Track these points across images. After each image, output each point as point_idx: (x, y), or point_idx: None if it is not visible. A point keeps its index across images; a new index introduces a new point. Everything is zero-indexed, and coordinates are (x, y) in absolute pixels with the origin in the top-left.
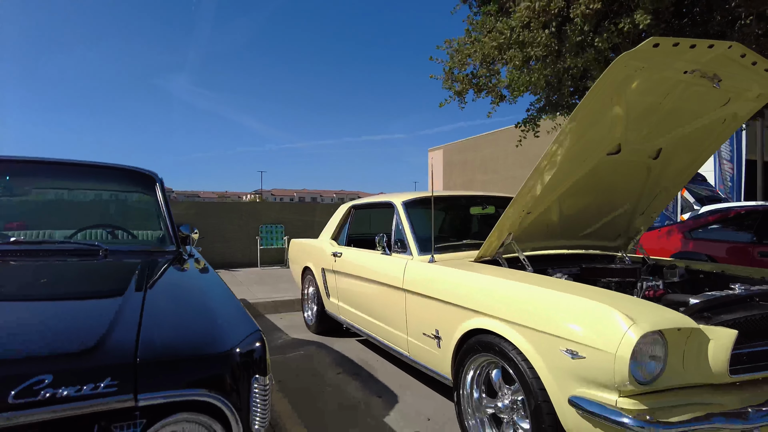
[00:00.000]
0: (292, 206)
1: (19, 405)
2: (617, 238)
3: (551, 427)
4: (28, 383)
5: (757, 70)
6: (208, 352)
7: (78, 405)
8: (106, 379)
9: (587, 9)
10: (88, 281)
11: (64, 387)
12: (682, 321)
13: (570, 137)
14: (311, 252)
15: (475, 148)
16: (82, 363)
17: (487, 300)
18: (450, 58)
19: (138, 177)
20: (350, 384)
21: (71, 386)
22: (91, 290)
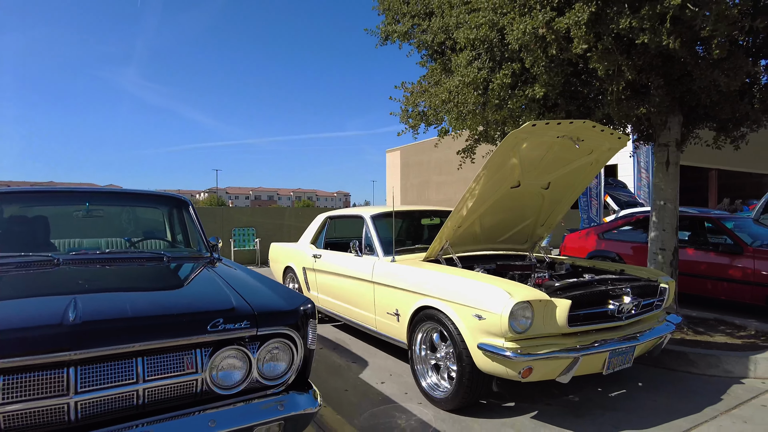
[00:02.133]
0: (263, 211)
1: (210, 332)
2: (525, 243)
3: (469, 365)
4: (212, 322)
5: (605, 135)
6: (288, 309)
7: (233, 334)
8: (244, 321)
9: (501, 82)
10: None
11: (231, 323)
12: (541, 296)
13: (483, 179)
14: (293, 254)
15: (431, 151)
16: (232, 314)
17: (430, 286)
18: (405, 99)
19: (177, 201)
20: (331, 355)
21: (231, 323)
22: (193, 278)
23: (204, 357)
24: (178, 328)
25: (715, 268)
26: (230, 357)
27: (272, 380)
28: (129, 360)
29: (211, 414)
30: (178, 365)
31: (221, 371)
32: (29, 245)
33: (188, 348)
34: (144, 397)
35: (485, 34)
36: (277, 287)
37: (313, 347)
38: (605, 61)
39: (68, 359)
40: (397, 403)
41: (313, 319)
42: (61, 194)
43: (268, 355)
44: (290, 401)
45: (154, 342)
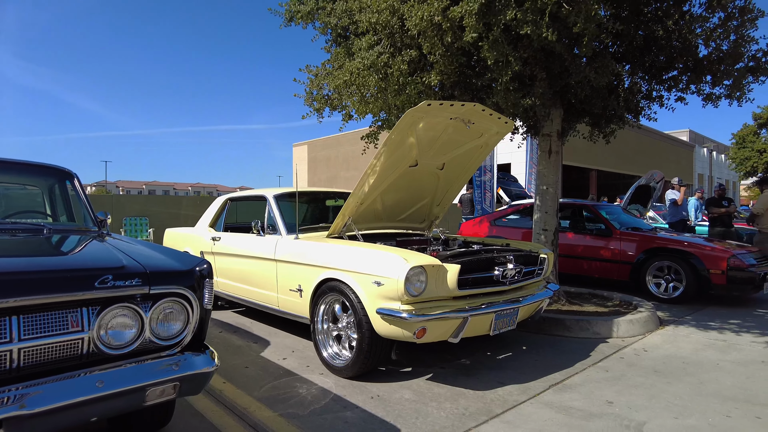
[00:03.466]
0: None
1: (98, 288)
2: (423, 222)
3: (368, 330)
4: (101, 278)
5: (492, 119)
6: (182, 269)
7: (122, 291)
8: (135, 279)
9: (399, 68)
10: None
11: (120, 280)
12: (433, 260)
13: (384, 155)
14: (189, 239)
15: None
16: (122, 271)
17: (333, 259)
18: (310, 81)
19: (59, 172)
20: (231, 337)
21: (120, 281)
22: (79, 245)
23: (91, 315)
24: (61, 284)
25: (590, 250)
26: (120, 315)
27: (167, 340)
28: (1, 318)
29: (99, 375)
30: (62, 324)
31: (111, 330)
32: None
33: (73, 306)
34: (20, 360)
35: (386, 19)
36: (173, 252)
37: (210, 307)
38: (495, 51)
39: None
40: (298, 375)
41: (209, 279)
42: None
43: (161, 315)
44: (186, 361)
45: (31, 298)
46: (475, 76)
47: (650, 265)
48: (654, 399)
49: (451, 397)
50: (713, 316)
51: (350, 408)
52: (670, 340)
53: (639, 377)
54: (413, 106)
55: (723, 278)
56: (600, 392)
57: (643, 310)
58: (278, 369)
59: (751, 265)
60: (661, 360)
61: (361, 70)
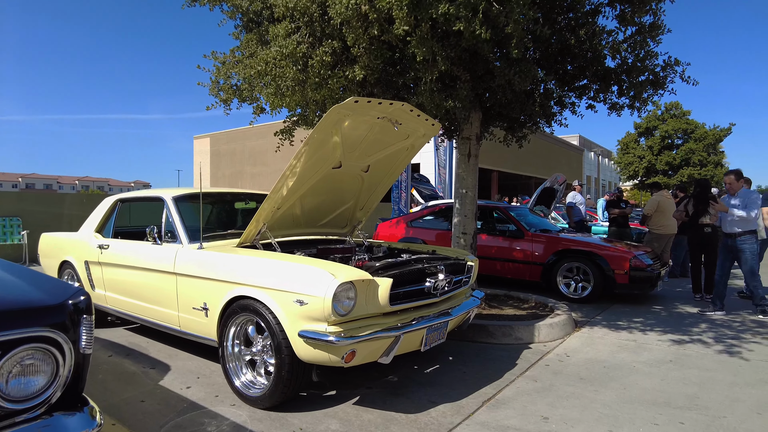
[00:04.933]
0: (35, 197)
1: None
2: (345, 227)
3: (288, 356)
4: None
5: (420, 120)
6: (49, 303)
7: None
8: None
9: (321, 59)
10: None
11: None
12: (363, 275)
13: (305, 156)
14: (71, 245)
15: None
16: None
17: (245, 273)
18: (216, 70)
19: None
20: (123, 362)
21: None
22: None
23: None
24: None
25: (503, 251)
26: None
27: (24, 402)
28: None
29: None
30: None
31: None
32: None
33: None
34: None
35: (305, 6)
36: (37, 277)
37: (89, 351)
38: (423, 47)
39: None
40: (206, 408)
41: (88, 314)
42: None
43: (15, 368)
44: (55, 426)
45: None
46: (396, 74)
47: (561, 266)
48: (586, 410)
49: (382, 424)
50: (620, 315)
51: None
52: (588, 343)
53: (568, 386)
54: (335, 101)
55: (626, 278)
56: (533, 407)
57: (561, 313)
58: (181, 401)
59: (649, 265)
60: (583, 365)
61: (278, 59)
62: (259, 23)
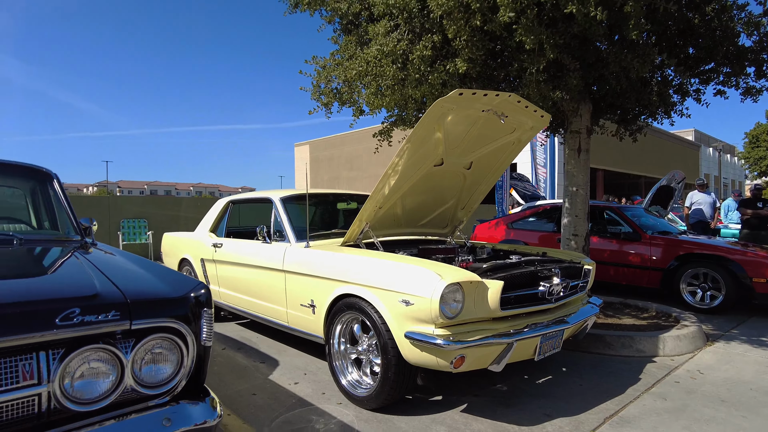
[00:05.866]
0: (156, 200)
1: (60, 327)
2: (445, 227)
3: (395, 357)
4: (64, 313)
5: (528, 112)
6: (174, 295)
7: (94, 328)
8: (111, 311)
9: (422, 54)
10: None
11: (91, 314)
12: (472, 277)
13: (406, 153)
14: (189, 244)
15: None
16: (94, 301)
17: (350, 272)
18: (317, 73)
19: (36, 173)
20: (235, 356)
21: (92, 314)
22: (49, 262)
23: (52, 362)
24: (9, 323)
25: (616, 255)
26: (93, 360)
27: (154, 388)
28: None
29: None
30: (12, 375)
31: (79, 380)
32: None
33: (26, 351)
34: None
35: (405, 2)
36: (163, 271)
37: (210, 344)
38: (531, 35)
39: None
40: (313, 405)
41: (208, 308)
42: None
43: (147, 356)
44: (180, 414)
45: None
46: (498, 67)
47: (685, 273)
48: None
49: None
50: (762, 329)
51: None
52: (726, 360)
53: (706, 408)
54: (435, 97)
55: (767, 287)
56: (666, 429)
57: (689, 325)
58: (290, 397)
59: None
60: (723, 386)
61: (378, 58)
62: (358, 25)
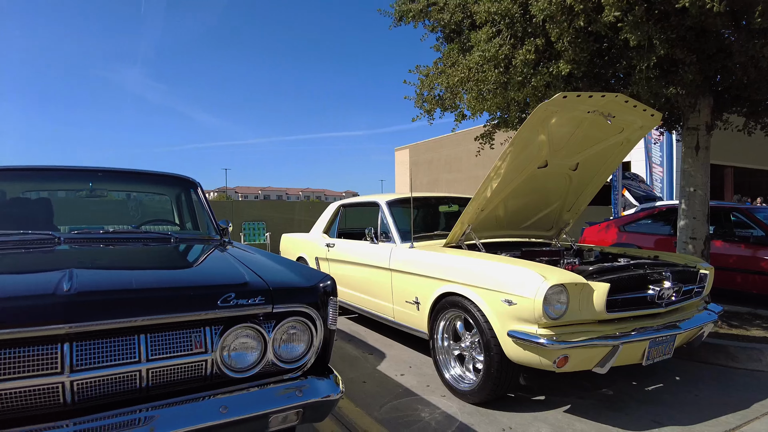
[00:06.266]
0: (273, 204)
1: (221, 307)
2: (550, 229)
3: (498, 354)
4: (223, 296)
5: (637, 111)
6: (306, 285)
7: (246, 310)
8: (258, 297)
9: (525, 58)
10: (191, 253)
11: (244, 298)
12: (576, 279)
13: (509, 157)
14: (305, 244)
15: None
16: (245, 288)
17: (453, 271)
18: (420, 82)
19: (184, 182)
20: (346, 346)
21: (243, 299)
22: (203, 256)
23: (214, 335)
24: (186, 302)
25: (744, 261)
26: (243, 336)
27: (290, 363)
28: (130, 337)
29: (223, 399)
30: (186, 344)
31: (233, 351)
32: (30, 224)
33: (197, 325)
34: (148, 379)
35: (506, 8)
36: (294, 265)
37: (334, 327)
38: (637, 32)
39: (62, 333)
40: (419, 396)
41: (333, 296)
42: (63, 172)
43: (284, 335)
44: (310, 387)
45: (158, 317)
46: (605, 65)
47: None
48: None
49: None
50: None
51: None
52: None
53: None
54: (538, 99)
55: None
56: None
57: None
58: (397, 386)
59: None
60: None
61: (480, 64)
62: (460, 33)
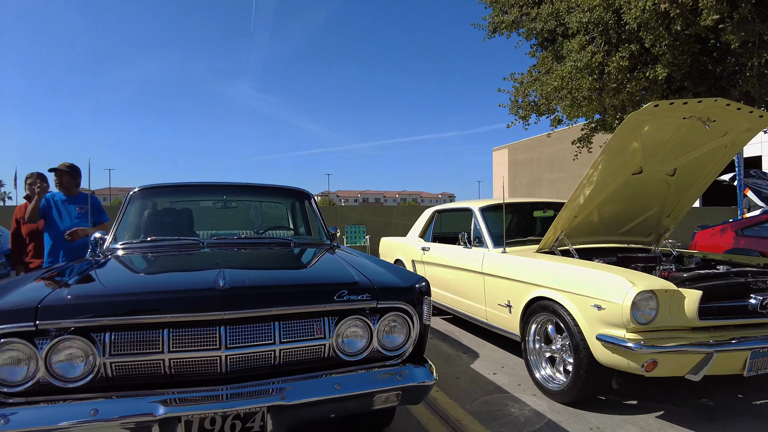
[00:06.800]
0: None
1: (336, 302)
2: (649, 235)
3: (586, 357)
4: (338, 293)
5: (742, 113)
6: (405, 285)
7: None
8: (366, 294)
9: (618, 64)
10: (309, 256)
11: (354, 295)
12: (666, 285)
13: (601, 165)
14: (402, 247)
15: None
16: (355, 287)
17: (545, 276)
18: (515, 90)
19: (300, 193)
20: (441, 345)
21: (354, 295)
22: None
23: (331, 324)
24: (310, 297)
25: None
26: (354, 326)
27: (391, 351)
28: (268, 323)
29: (337, 378)
30: (309, 331)
31: (346, 338)
32: (178, 231)
33: (318, 315)
34: (280, 358)
35: (599, 16)
36: (394, 268)
37: (428, 323)
38: (742, 32)
39: (219, 318)
40: (509, 393)
41: (427, 296)
42: (204, 187)
43: (387, 327)
44: (408, 373)
45: (288, 308)
46: (713, 63)
47: None
48: None
49: None
50: None
51: None
52: None
53: None
54: (635, 103)
55: None
56: None
57: None
58: (489, 384)
59: None
60: None
61: (572, 73)
62: (553, 40)
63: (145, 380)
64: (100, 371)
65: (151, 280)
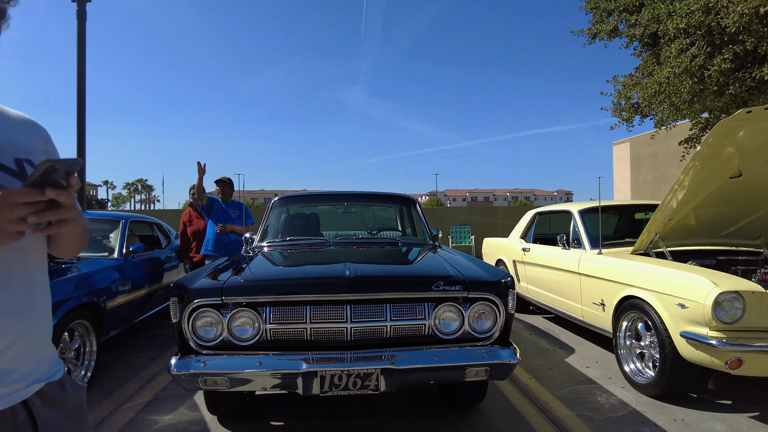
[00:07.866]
0: (477, 209)
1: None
2: (757, 238)
3: (671, 352)
4: (436, 283)
5: None
6: (491, 279)
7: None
8: (458, 285)
9: (720, 67)
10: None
11: (448, 286)
12: (753, 287)
13: (693, 170)
14: (504, 248)
15: (666, 140)
16: (449, 279)
17: (634, 276)
18: (618, 93)
19: (407, 200)
20: (540, 341)
21: (448, 286)
22: (421, 256)
23: (430, 309)
24: (414, 285)
25: None
26: (448, 311)
27: (481, 333)
28: (381, 305)
29: (435, 351)
30: (413, 312)
31: (442, 320)
32: (309, 232)
33: (419, 300)
34: (390, 333)
35: (698, 20)
36: (485, 265)
37: (513, 312)
38: None
39: (346, 299)
40: (599, 384)
41: (512, 289)
42: (328, 195)
43: (476, 314)
44: (495, 352)
45: (397, 293)
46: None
47: None
48: None
49: None
50: None
51: (648, 425)
52: None
53: None
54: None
55: None
56: None
57: None
58: (580, 375)
59: None
60: None
61: (670, 78)
62: (655, 43)
63: (293, 343)
64: (263, 335)
65: (296, 270)
